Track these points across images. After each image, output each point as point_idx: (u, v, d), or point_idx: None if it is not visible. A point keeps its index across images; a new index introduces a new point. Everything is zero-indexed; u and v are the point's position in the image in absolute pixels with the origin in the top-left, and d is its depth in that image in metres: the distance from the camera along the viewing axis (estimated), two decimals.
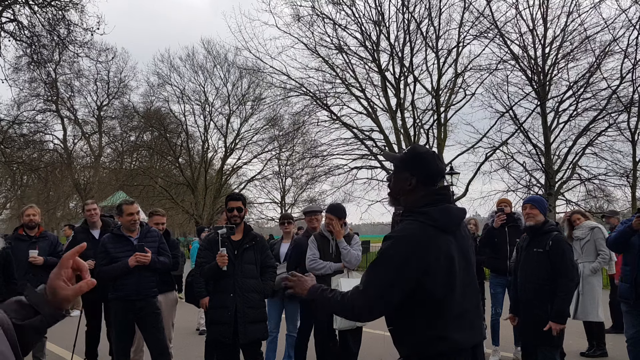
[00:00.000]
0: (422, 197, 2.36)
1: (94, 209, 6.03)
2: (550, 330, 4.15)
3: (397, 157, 2.55)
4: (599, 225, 6.87)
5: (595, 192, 22.75)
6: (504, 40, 21.11)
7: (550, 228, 4.37)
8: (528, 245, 4.45)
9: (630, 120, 20.74)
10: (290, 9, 26.92)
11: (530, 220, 4.42)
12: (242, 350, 4.63)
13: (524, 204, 4.63)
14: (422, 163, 2.39)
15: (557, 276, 4.19)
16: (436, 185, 2.41)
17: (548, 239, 4.28)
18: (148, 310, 4.86)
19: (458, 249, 2.35)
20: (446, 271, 2.27)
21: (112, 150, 37.59)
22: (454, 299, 2.29)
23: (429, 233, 2.26)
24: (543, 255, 4.27)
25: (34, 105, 32.91)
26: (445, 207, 2.36)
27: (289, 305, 5.92)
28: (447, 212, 2.34)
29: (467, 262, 2.42)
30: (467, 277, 2.39)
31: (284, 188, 35.82)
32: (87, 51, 20.54)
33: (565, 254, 4.22)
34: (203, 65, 32.85)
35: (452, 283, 2.28)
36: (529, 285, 4.37)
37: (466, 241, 2.46)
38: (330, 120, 25.21)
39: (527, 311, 4.36)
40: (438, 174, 2.41)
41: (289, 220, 6.46)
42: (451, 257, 2.29)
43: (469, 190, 22.41)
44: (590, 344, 6.63)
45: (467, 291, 2.38)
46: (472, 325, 2.37)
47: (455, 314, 2.30)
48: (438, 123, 22.77)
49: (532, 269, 4.34)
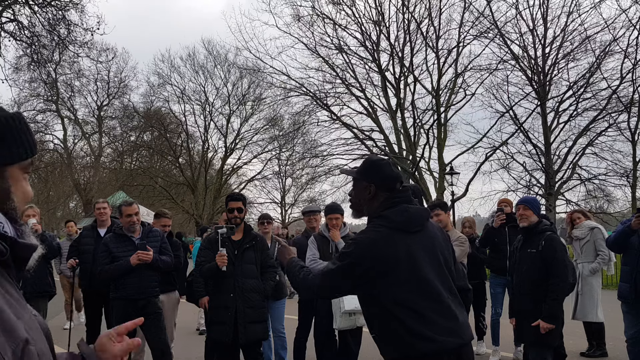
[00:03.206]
0: (382, 202, 2.52)
1: (103, 208, 6.06)
2: (542, 331, 4.11)
3: (354, 170, 2.71)
4: (599, 225, 6.87)
5: (595, 192, 22.80)
6: (504, 40, 21.14)
7: (543, 228, 4.33)
8: (522, 246, 4.44)
9: (630, 120, 20.76)
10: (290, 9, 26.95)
11: (524, 222, 4.38)
12: (242, 350, 4.64)
13: (517, 204, 4.57)
14: (378, 170, 2.54)
15: (549, 276, 4.16)
16: (394, 190, 2.52)
17: (541, 239, 4.25)
18: (150, 310, 4.85)
19: (423, 248, 2.44)
20: (406, 270, 2.38)
21: (112, 150, 37.57)
22: (424, 298, 2.38)
23: (384, 235, 2.44)
24: (536, 256, 4.23)
25: (34, 105, 32.95)
26: (402, 208, 2.47)
27: (274, 304, 5.75)
28: (404, 213, 2.46)
29: (436, 261, 2.47)
30: (438, 276, 2.44)
31: (284, 188, 35.89)
32: (88, 51, 20.61)
33: (557, 253, 4.17)
34: (203, 65, 32.90)
35: (416, 282, 2.38)
36: (523, 286, 4.35)
37: (434, 240, 2.51)
38: (330, 120, 25.25)
39: (522, 312, 4.34)
40: (394, 179, 2.54)
41: (269, 220, 6.33)
42: (411, 256, 2.39)
43: (469, 190, 22.43)
44: (590, 344, 6.63)
45: (441, 290, 2.42)
46: (453, 326, 2.39)
47: (429, 313, 2.36)
48: (438, 123, 22.77)
49: (526, 269, 4.32)
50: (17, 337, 0.89)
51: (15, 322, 0.91)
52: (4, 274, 0.94)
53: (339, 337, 5.30)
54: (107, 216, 6.08)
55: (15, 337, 0.89)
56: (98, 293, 5.72)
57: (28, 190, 1.09)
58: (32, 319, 0.99)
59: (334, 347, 5.34)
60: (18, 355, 0.87)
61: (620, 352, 6.08)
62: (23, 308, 0.97)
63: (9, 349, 0.86)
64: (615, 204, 23.40)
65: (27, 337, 0.91)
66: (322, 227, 5.33)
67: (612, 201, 23.37)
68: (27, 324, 0.94)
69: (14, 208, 1.03)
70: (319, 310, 5.22)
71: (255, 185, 35.29)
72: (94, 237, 5.95)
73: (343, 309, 4.79)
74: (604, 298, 6.75)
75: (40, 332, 1.00)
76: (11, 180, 1.03)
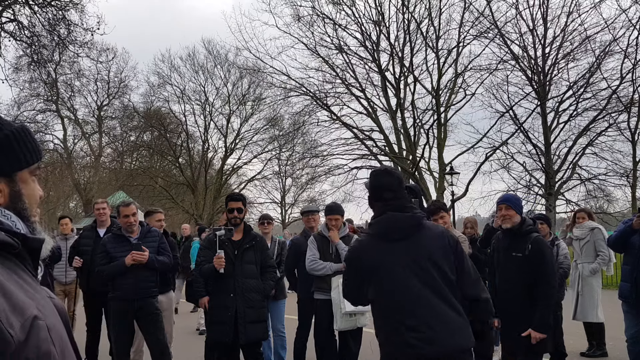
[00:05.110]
0: (376, 211, 2.66)
1: (102, 208, 6.07)
2: (533, 341, 3.88)
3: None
4: (599, 226, 6.86)
5: (595, 192, 22.77)
6: (504, 40, 21.11)
7: (528, 229, 4.01)
8: (507, 248, 4.11)
9: (630, 120, 20.73)
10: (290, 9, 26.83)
11: (507, 223, 4.04)
12: (242, 350, 4.63)
13: (498, 204, 4.21)
14: (370, 182, 2.71)
15: (538, 283, 3.86)
16: (384, 199, 2.60)
17: (527, 242, 3.94)
18: (147, 310, 4.85)
19: (406, 256, 2.48)
20: (383, 278, 2.49)
21: (112, 150, 37.54)
22: (394, 307, 2.47)
23: (364, 244, 2.66)
24: (522, 260, 3.92)
25: (34, 105, 32.94)
26: (384, 217, 2.57)
27: (274, 304, 5.77)
28: (383, 222, 2.57)
29: (420, 269, 2.48)
30: (423, 283, 2.46)
31: (284, 188, 35.87)
32: (88, 51, 20.57)
33: (545, 258, 3.89)
34: (203, 65, 32.83)
35: (390, 289, 2.48)
36: (509, 292, 4.04)
37: (422, 248, 2.52)
38: (330, 120, 25.20)
39: (508, 319, 4.04)
40: (377, 188, 2.62)
41: (269, 221, 6.34)
42: (387, 264, 2.49)
43: (469, 190, 22.40)
44: (590, 344, 6.63)
45: (422, 297, 2.44)
46: (427, 335, 2.39)
47: (404, 319, 2.43)
48: (438, 123, 22.76)
49: (511, 274, 4.02)
50: (26, 314, 0.99)
51: (25, 301, 1.01)
52: (18, 264, 1.09)
53: (339, 337, 5.29)
54: (107, 216, 6.09)
55: (24, 313, 0.98)
56: (97, 293, 5.71)
57: (37, 190, 1.24)
58: (47, 300, 1.11)
59: (334, 347, 5.34)
60: (27, 329, 0.97)
61: (620, 352, 6.07)
62: (36, 291, 1.08)
63: (18, 323, 0.96)
64: (615, 204, 23.42)
65: (37, 314, 1.01)
66: (321, 227, 5.32)
67: (612, 201, 23.38)
68: (39, 304, 1.04)
69: (26, 208, 1.19)
70: (319, 310, 5.22)
71: (255, 185, 35.31)
72: (93, 237, 5.96)
73: (344, 309, 4.78)
74: (604, 298, 6.74)
75: (54, 311, 1.11)
76: (21, 184, 1.19)
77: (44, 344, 1.00)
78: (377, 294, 2.53)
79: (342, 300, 4.73)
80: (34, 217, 1.23)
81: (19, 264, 1.10)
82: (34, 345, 0.98)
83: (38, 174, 1.26)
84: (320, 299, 5.15)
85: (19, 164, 1.18)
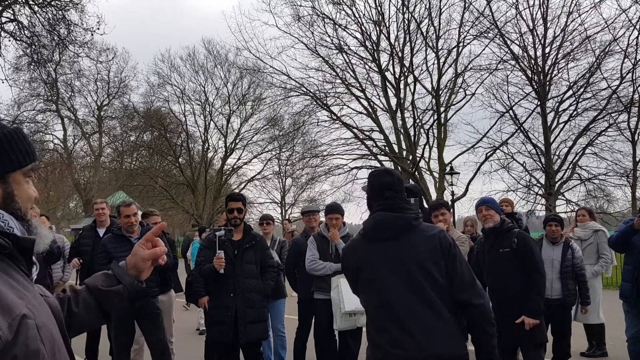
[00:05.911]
0: (371, 212, 2.66)
1: (102, 208, 6.06)
2: (531, 330, 4.07)
3: None
4: (603, 228, 6.85)
5: (595, 192, 22.75)
6: (504, 40, 21.11)
7: (509, 226, 4.32)
8: (492, 248, 4.34)
9: (630, 120, 20.73)
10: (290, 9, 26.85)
11: (489, 222, 4.33)
12: (242, 350, 4.63)
13: (477, 206, 4.46)
14: (368, 183, 2.72)
15: (529, 273, 4.13)
16: (380, 197, 2.59)
17: (512, 237, 4.22)
18: (148, 310, 4.84)
19: (391, 256, 2.46)
20: (366, 277, 2.52)
21: (112, 150, 37.57)
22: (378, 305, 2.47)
23: (353, 243, 2.70)
24: (511, 254, 4.19)
25: (34, 105, 33.00)
26: (373, 216, 2.58)
27: (274, 304, 5.76)
28: (371, 223, 2.58)
29: (405, 270, 2.41)
30: (407, 285, 2.39)
31: (284, 188, 35.84)
32: (88, 51, 20.55)
33: (533, 249, 4.19)
34: (203, 65, 32.86)
35: (373, 289, 2.50)
36: (503, 288, 4.23)
37: (409, 250, 2.44)
38: (330, 120, 25.20)
39: (505, 314, 4.09)
40: (378, 187, 2.61)
41: (268, 221, 6.33)
42: (371, 263, 2.50)
43: (469, 190, 22.39)
44: (590, 344, 6.62)
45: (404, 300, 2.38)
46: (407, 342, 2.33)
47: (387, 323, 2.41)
48: (438, 123, 22.76)
49: (504, 271, 4.23)
50: (14, 313, 1.00)
51: (14, 300, 1.02)
52: (10, 263, 1.11)
53: (339, 337, 5.29)
54: (106, 216, 6.08)
55: (12, 313, 1.00)
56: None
57: (31, 192, 1.27)
58: (39, 299, 1.14)
59: (334, 347, 5.33)
60: (14, 328, 0.99)
61: (620, 352, 6.07)
62: (28, 290, 1.11)
63: (5, 323, 0.98)
64: (615, 204, 23.41)
65: (26, 313, 1.03)
66: (321, 227, 5.32)
67: (612, 201, 23.38)
68: (29, 303, 1.07)
69: (19, 208, 1.22)
70: (319, 310, 5.21)
71: (255, 185, 35.31)
72: (93, 237, 5.95)
73: (344, 309, 4.78)
74: (604, 298, 6.74)
75: (47, 310, 1.14)
76: (14, 185, 1.21)
77: (33, 343, 1.02)
78: (363, 293, 2.55)
79: (342, 300, 4.73)
80: (29, 216, 1.25)
81: (11, 264, 1.11)
82: (23, 343, 1.00)
83: (32, 175, 1.30)
84: (320, 298, 5.15)
85: (12, 166, 1.20)
